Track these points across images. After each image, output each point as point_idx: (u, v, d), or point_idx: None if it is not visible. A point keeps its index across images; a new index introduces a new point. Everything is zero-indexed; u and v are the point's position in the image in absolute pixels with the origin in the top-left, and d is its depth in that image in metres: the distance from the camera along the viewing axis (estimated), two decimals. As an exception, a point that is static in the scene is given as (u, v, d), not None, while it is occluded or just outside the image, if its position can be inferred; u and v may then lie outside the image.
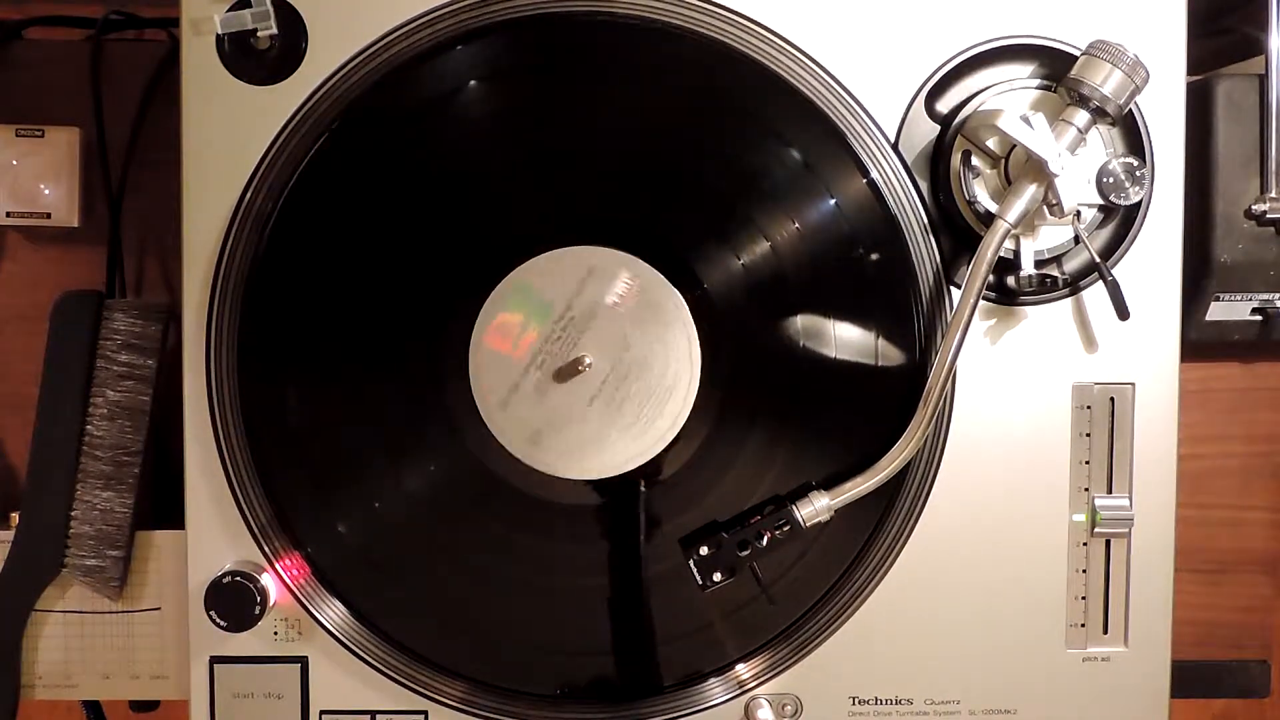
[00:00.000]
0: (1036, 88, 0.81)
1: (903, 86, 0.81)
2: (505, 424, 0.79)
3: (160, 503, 0.89)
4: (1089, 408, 0.83)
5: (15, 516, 0.86)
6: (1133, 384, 0.83)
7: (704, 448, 0.81)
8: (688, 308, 0.79)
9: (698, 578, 0.80)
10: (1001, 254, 0.78)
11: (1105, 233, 0.82)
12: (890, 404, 0.80)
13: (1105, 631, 0.84)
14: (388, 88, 0.79)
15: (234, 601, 0.80)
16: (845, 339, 0.81)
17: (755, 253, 0.80)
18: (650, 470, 0.81)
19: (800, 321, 0.80)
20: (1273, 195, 0.89)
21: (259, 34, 0.79)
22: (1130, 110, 0.79)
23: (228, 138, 0.80)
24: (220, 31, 0.78)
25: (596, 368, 0.79)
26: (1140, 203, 0.81)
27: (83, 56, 0.92)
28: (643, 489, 0.81)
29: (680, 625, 0.83)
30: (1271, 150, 0.88)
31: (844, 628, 0.83)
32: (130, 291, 0.94)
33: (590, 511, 0.82)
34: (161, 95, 0.93)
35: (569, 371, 0.79)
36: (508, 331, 0.79)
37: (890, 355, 0.81)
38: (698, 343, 0.79)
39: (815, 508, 0.79)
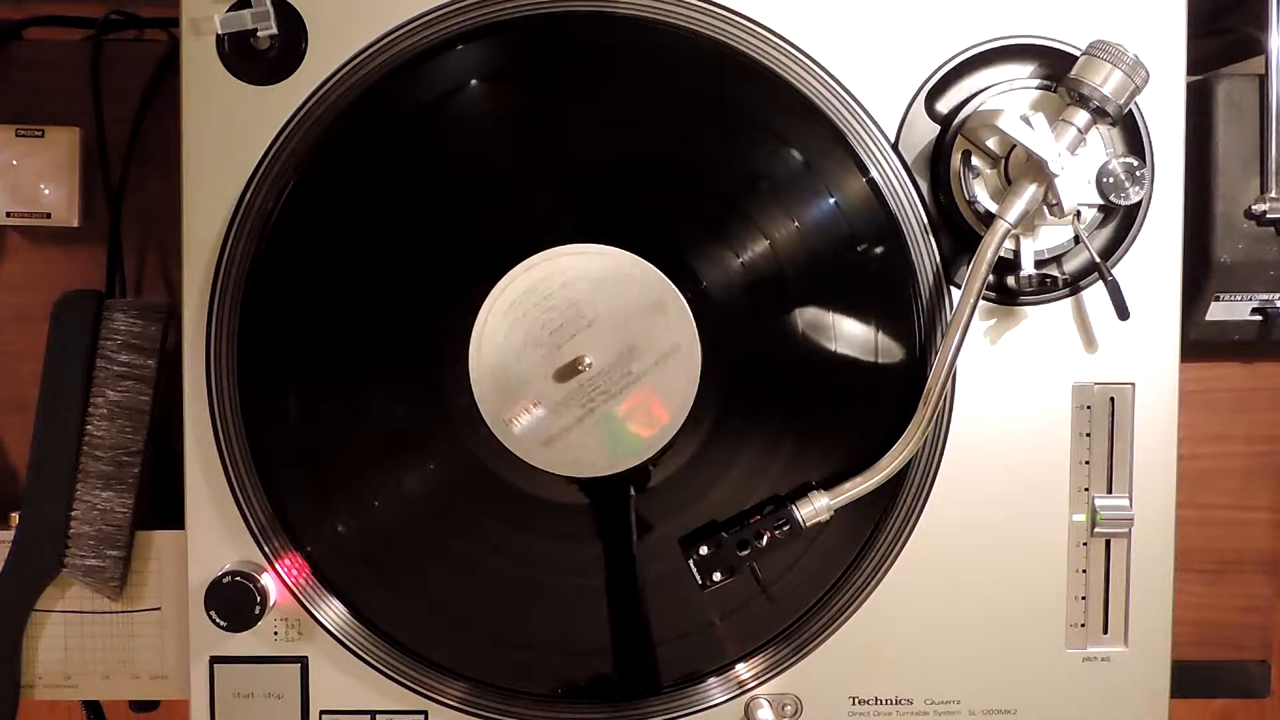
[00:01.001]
0: (1036, 88, 0.81)
1: (903, 86, 0.81)
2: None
3: (160, 503, 0.89)
4: (1089, 408, 0.83)
5: (15, 516, 0.86)
6: (1133, 384, 0.83)
7: (704, 447, 0.81)
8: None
9: (697, 577, 0.80)
10: (1001, 254, 0.78)
11: (1105, 233, 0.82)
12: (890, 404, 0.80)
13: (1105, 631, 0.84)
14: (388, 88, 0.79)
15: (234, 601, 0.80)
16: (845, 338, 0.81)
17: (755, 252, 0.80)
18: (650, 469, 0.81)
19: (800, 320, 0.80)
20: (1273, 195, 0.89)
21: (259, 34, 0.79)
22: (1130, 110, 0.79)
23: (228, 138, 0.80)
24: (220, 31, 0.78)
25: (596, 367, 0.79)
26: (1140, 203, 0.81)
27: (83, 56, 0.92)
28: (642, 488, 0.81)
29: (680, 625, 0.83)
30: (1271, 150, 0.88)
31: (844, 628, 0.83)
32: (130, 291, 0.94)
33: (590, 511, 0.82)
34: (161, 95, 0.93)
35: (569, 371, 0.79)
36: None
37: (890, 355, 0.81)
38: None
39: (815, 508, 0.79)
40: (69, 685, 0.88)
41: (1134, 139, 0.82)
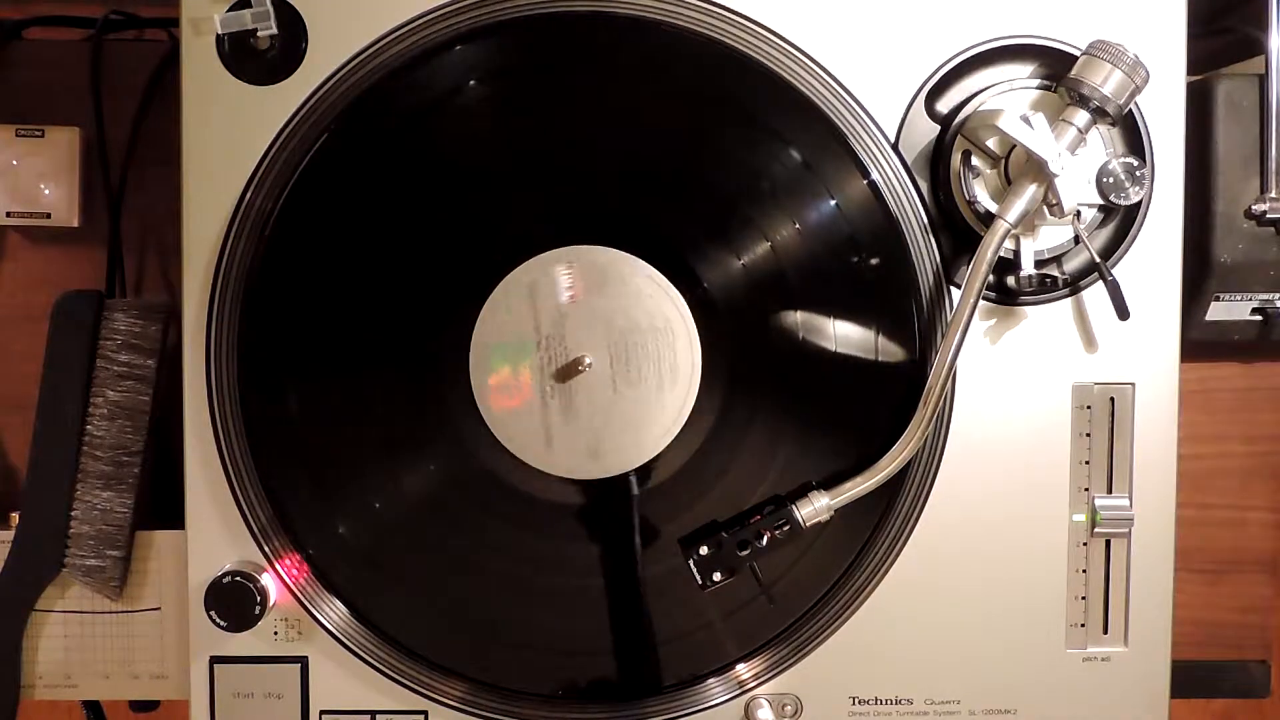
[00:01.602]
0: (1036, 88, 0.81)
1: (903, 86, 0.81)
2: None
3: (160, 503, 0.89)
4: (1089, 408, 0.83)
5: (15, 516, 0.86)
6: (1133, 384, 0.83)
7: (704, 447, 0.81)
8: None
9: (698, 577, 0.80)
10: (1001, 254, 0.78)
11: (1105, 233, 0.82)
12: (890, 404, 0.80)
13: (1105, 631, 0.84)
14: (388, 87, 0.79)
15: (234, 601, 0.80)
16: (845, 338, 0.81)
17: (755, 252, 0.80)
18: (650, 470, 0.81)
19: (800, 321, 0.80)
20: (1273, 195, 0.89)
21: (259, 34, 0.79)
22: (1130, 110, 0.79)
23: (228, 138, 0.80)
24: (220, 31, 0.78)
25: (596, 367, 0.79)
26: (1140, 203, 0.81)
27: (83, 56, 0.92)
28: (643, 488, 0.81)
29: (680, 625, 0.83)
30: (1271, 150, 0.88)
31: (844, 628, 0.83)
32: (130, 291, 0.94)
33: (590, 511, 0.82)
34: (161, 95, 0.93)
35: (569, 371, 0.79)
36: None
37: (890, 355, 0.81)
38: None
39: (815, 507, 0.79)
40: (69, 685, 0.88)
41: (1134, 139, 0.82)
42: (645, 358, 0.79)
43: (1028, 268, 0.79)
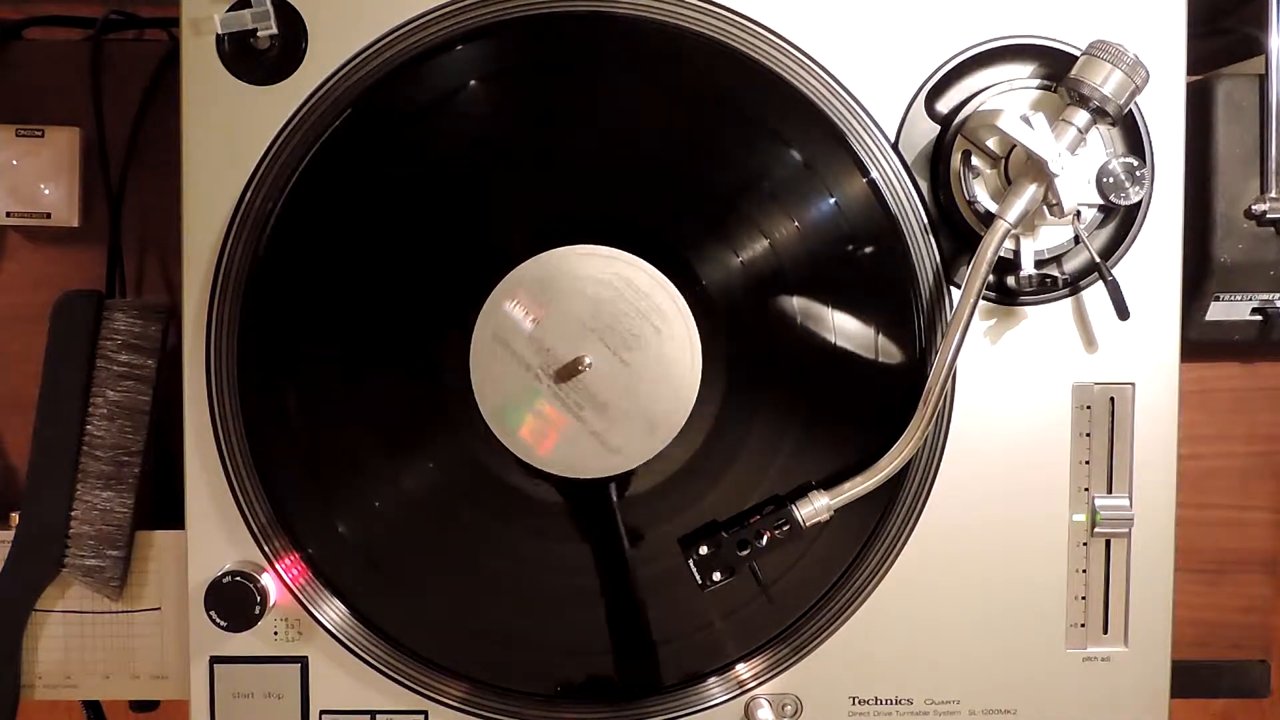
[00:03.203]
0: (1036, 88, 0.81)
1: (903, 86, 0.81)
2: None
3: (160, 503, 0.89)
4: (1089, 408, 0.83)
5: (15, 516, 0.86)
6: (1133, 384, 0.83)
7: (704, 447, 0.81)
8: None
9: (697, 577, 0.80)
10: (1001, 254, 0.78)
11: (1105, 233, 0.82)
12: (890, 404, 0.80)
13: (1105, 631, 0.84)
14: (388, 87, 0.79)
15: (234, 601, 0.80)
16: (845, 338, 0.81)
17: (755, 252, 0.80)
18: (650, 469, 0.81)
19: (800, 321, 0.80)
20: (1273, 195, 0.89)
21: (259, 34, 0.79)
22: (1130, 110, 0.79)
23: (228, 138, 0.80)
24: (220, 31, 0.78)
25: (596, 367, 0.79)
26: (1140, 203, 0.81)
27: (83, 56, 0.92)
28: (643, 488, 0.81)
29: (680, 625, 0.83)
30: (1271, 150, 0.88)
31: (844, 628, 0.83)
32: (130, 291, 0.94)
33: (590, 511, 0.82)
34: (161, 95, 0.93)
35: (569, 371, 0.79)
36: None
37: (890, 355, 0.81)
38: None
39: (815, 507, 0.79)
40: (69, 685, 0.88)
41: (1134, 139, 0.82)
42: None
43: (1028, 268, 0.79)
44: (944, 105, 0.82)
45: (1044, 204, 0.77)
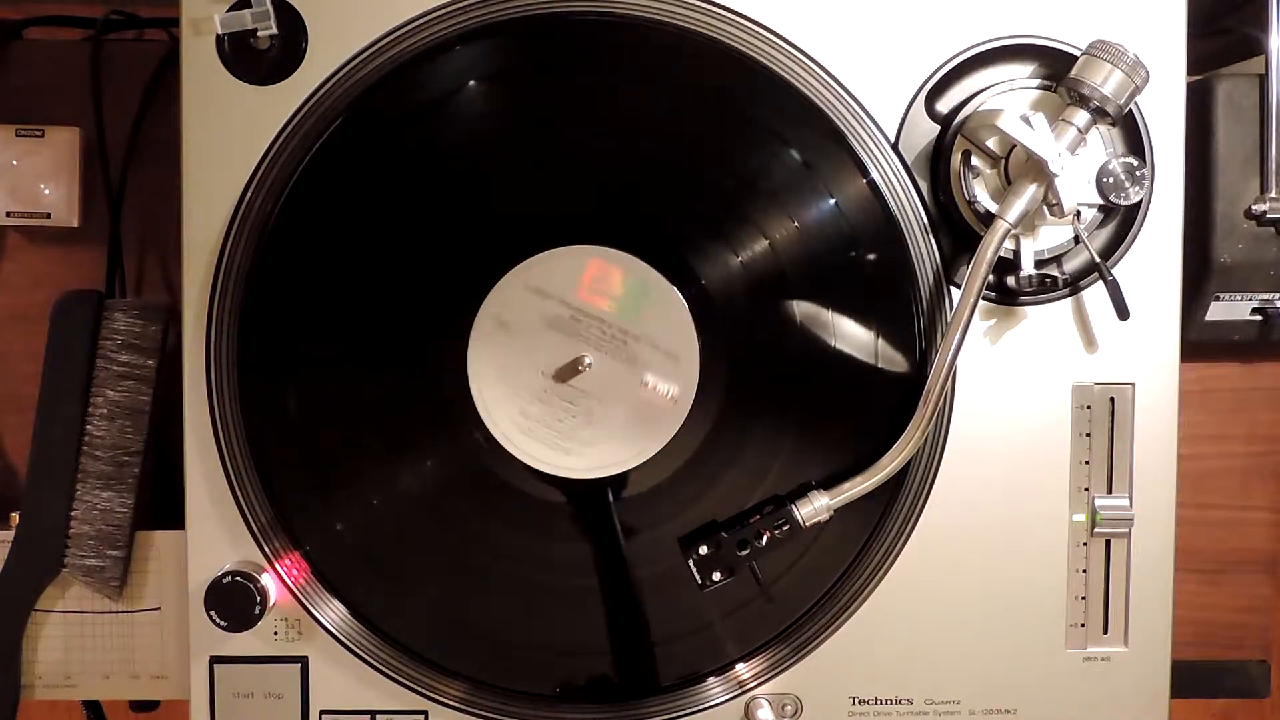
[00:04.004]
0: (1036, 88, 0.81)
1: (903, 86, 0.81)
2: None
3: (160, 503, 0.89)
4: (1089, 408, 0.83)
5: (15, 516, 0.86)
6: (1133, 384, 0.83)
7: (704, 446, 0.81)
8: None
9: (697, 577, 0.80)
10: (1001, 254, 0.78)
11: (1105, 233, 0.82)
12: (890, 404, 0.80)
13: (1105, 631, 0.84)
14: (388, 88, 0.79)
15: (234, 601, 0.80)
16: (845, 338, 0.81)
17: (755, 252, 0.80)
18: (650, 469, 0.81)
19: (800, 321, 0.80)
20: (1273, 195, 0.89)
21: (259, 34, 0.79)
22: (1130, 110, 0.79)
23: (228, 138, 0.80)
24: (220, 31, 0.78)
25: (596, 367, 0.79)
26: (1140, 203, 0.81)
27: (83, 56, 0.92)
28: (643, 488, 0.81)
29: (680, 625, 0.83)
30: (1271, 150, 0.88)
31: (844, 628, 0.83)
32: (130, 291, 0.94)
33: (590, 510, 0.82)
34: (161, 95, 0.93)
35: (569, 371, 0.79)
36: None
37: (890, 355, 0.81)
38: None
39: (815, 507, 0.79)
40: (69, 685, 0.88)
41: (1134, 139, 0.82)
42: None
43: (1028, 268, 0.79)
44: (944, 105, 0.82)
45: (1044, 204, 0.77)
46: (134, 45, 0.96)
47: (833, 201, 0.80)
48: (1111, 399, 0.83)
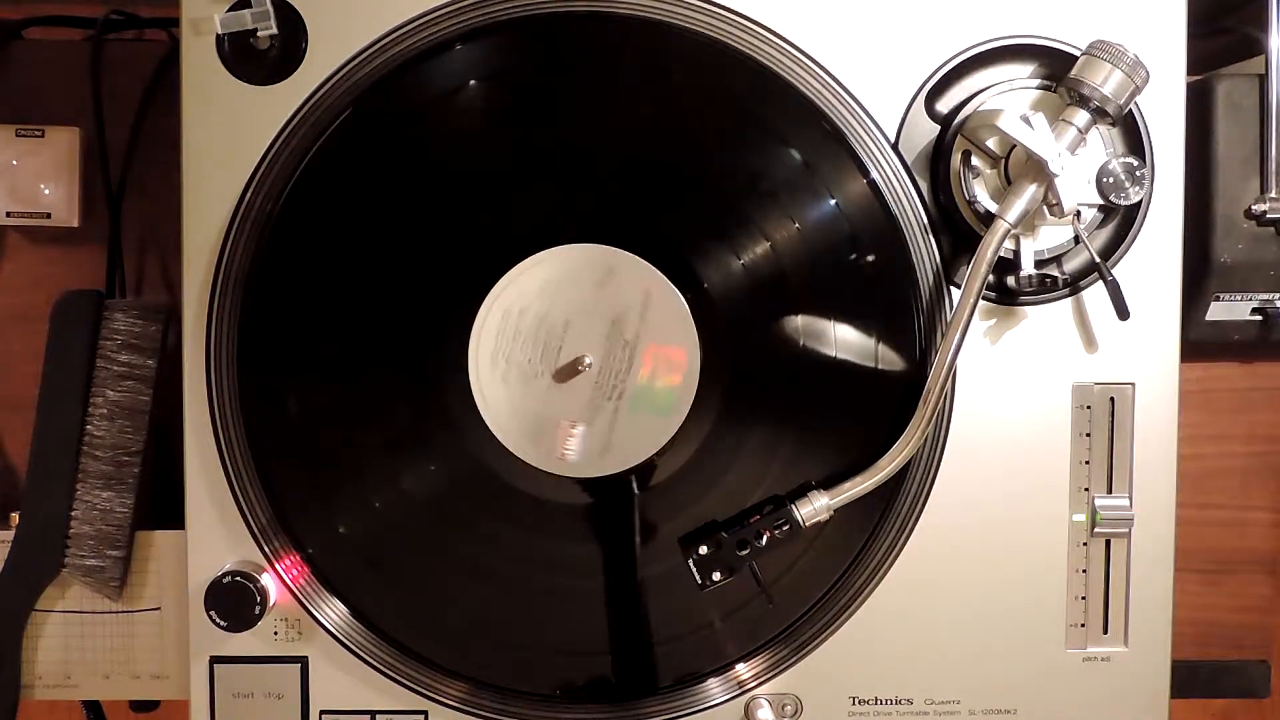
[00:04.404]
0: (1036, 88, 0.81)
1: (903, 86, 0.81)
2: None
3: (160, 503, 0.89)
4: (1089, 408, 0.83)
5: (15, 516, 0.86)
6: (1133, 384, 0.83)
7: (704, 447, 0.81)
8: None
9: (697, 577, 0.80)
10: (1001, 254, 0.78)
11: (1105, 233, 0.82)
12: (890, 404, 0.80)
13: (1105, 631, 0.84)
14: (388, 87, 0.79)
15: (234, 601, 0.80)
16: (845, 338, 0.81)
17: (755, 252, 0.80)
18: (650, 469, 0.81)
19: (800, 320, 0.80)
20: (1273, 195, 0.89)
21: (259, 34, 0.79)
22: (1130, 110, 0.79)
23: (228, 138, 0.80)
24: (220, 31, 0.78)
25: (596, 367, 0.79)
26: (1140, 203, 0.81)
27: (83, 56, 0.92)
28: (643, 488, 0.81)
29: (680, 625, 0.83)
30: (1271, 150, 0.88)
31: (844, 628, 0.83)
32: (130, 291, 0.94)
33: (590, 511, 0.82)
34: (161, 95, 0.93)
35: (569, 371, 0.79)
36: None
37: (890, 355, 0.81)
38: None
39: (815, 507, 0.79)
40: (69, 685, 0.88)
41: (1134, 139, 0.82)
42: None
43: (1028, 268, 0.79)
44: (944, 105, 0.82)
45: (1044, 204, 0.77)
46: (134, 45, 0.96)
47: (833, 202, 0.80)
48: (1111, 399, 0.83)
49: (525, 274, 0.79)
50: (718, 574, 0.80)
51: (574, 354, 0.79)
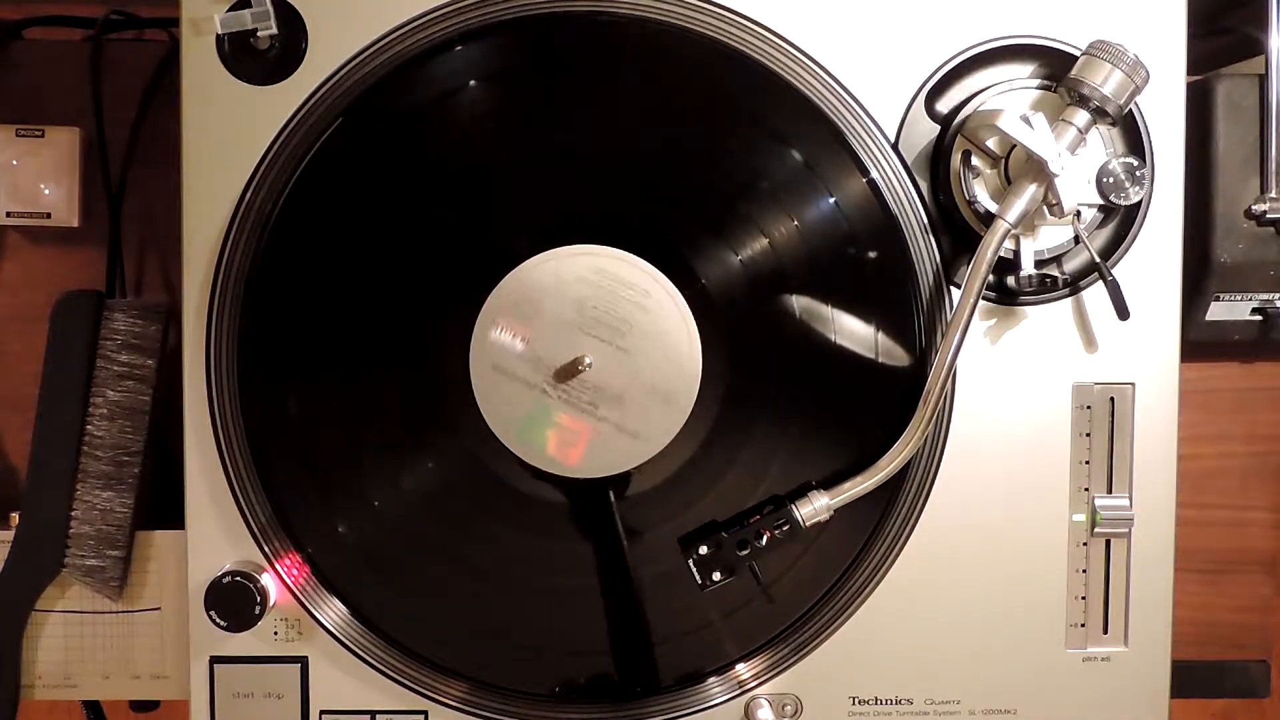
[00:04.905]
0: (1036, 88, 0.81)
1: (903, 86, 0.81)
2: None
3: (160, 503, 0.89)
4: (1089, 408, 0.83)
5: (15, 516, 0.86)
6: (1133, 384, 0.83)
7: (704, 446, 0.81)
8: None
9: (697, 577, 0.80)
10: (1001, 254, 0.78)
11: (1105, 233, 0.82)
12: (890, 403, 0.80)
13: (1105, 631, 0.84)
14: (388, 87, 0.79)
15: (234, 601, 0.80)
16: (845, 338, 0.81)
17: (755, 251, 0.80)
18: (650, 469, 0.81)
19: (800, 320, 0.80)
20: (1273, 195, 0.89)
21: (259, 34, 0.79)
22: (1130, 110, 0.79)
23: (228, 138, 0.80)
24: (220, 31, 0.78)
25: (597, 366, 0.79)
26: (1140, 203, 0.81)
27: (83, 56, 0.92)
28: (643, 488, 0.81)
29: (680, 625, 0.83)
30: (1271, 150, 0.88)
31: (844, 628, 0.83)
32: (130, 291, 0.94)
33: (590, 510, 0.82)
34: (161, 95, 0.93)
35: (569, 371, 0.79)
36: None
37: (890, 354, 0.81)
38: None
39: (815, 507, 0.79)
40: (69, 685, 0.88)
41: (1134, 139, 0.82)
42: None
43: (1028, 268, 0.79)
44: (944, 105, 0.82)
45: (1044, 204, 0.77)
46: (134, 45, 0.96)
47: (833, 201, 0.80)
48: (1111, 399, 0.83)
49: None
50: (718, 574, 0.80)
51: (574, 354, 0.79)
